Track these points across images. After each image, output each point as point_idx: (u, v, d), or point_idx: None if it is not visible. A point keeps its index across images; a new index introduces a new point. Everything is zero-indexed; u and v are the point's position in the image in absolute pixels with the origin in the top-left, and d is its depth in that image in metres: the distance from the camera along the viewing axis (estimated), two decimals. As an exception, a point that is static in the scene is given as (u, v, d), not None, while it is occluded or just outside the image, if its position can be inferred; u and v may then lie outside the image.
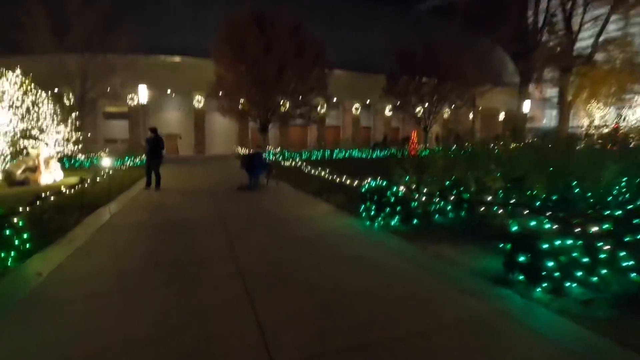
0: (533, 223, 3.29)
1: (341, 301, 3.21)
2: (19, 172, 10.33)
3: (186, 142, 32.37)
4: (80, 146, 14.32)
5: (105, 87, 23.43)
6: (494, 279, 3.56)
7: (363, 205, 5.99)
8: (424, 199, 5.10)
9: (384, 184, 5.82)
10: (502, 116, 44.07)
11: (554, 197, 4.81)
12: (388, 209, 5.62)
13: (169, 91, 31.06)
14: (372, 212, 5.74)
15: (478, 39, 38.73)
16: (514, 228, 3.32)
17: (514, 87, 42.07)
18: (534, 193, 4.36)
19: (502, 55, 45.47)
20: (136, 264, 4.14)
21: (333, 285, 3.54)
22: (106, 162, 13.18)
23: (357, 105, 36.61)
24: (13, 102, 12.10)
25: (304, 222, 6.20)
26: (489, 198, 4.36)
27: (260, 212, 7.13)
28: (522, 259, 3.22)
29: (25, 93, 12.47)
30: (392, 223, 5.65)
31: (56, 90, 22.00)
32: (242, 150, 23.15)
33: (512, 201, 4.12)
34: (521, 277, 3.27)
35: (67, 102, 22.63)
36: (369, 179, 5.98)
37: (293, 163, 14.95)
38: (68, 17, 20.83)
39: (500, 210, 4.08)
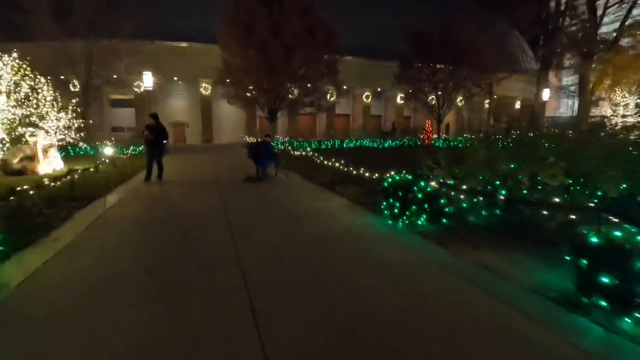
0: (618, 233, 2.55)
1: (373, 326, 2.53)
2: (15, 161, 9.81)
3: (193, 130, 31.84)
4: (82, 134, 13.82)
5: (110, 73, 22.84)
6: (560, 300, 2.84)
7: (385, 202, 5.28)
8: (462, 196, 4.36)
9: (408, 177, 5.09)
10: (517, 105, 42.52)
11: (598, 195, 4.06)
12: (414, 207, 4.91)
13: (175, 78, 30.42)
14: (396, 210, 5.03)
15: (494, 23, 37.11)
16: (594, 239, 2.58)
17: (531, 74, 40.48)
18: (600, 193, 3.61)
19: (519, 41, 43.68)
20: (123, 270, 3.52)
21: (360, 303, 2.88)
22: (109, 150, 12.65)
23: (367, 93, 35.56)
24: (10, 87, 11.58)
25: (317, 219, 5.52)
26: (557, 200, 3.60)
27: (268, 207, 6.47)
28: (605, 280, 2.50)
29: (23, 78, 11.91)
30: (419, 222, 4.95)
31: (62, 77, 21.57)
32: (250, 139, 22.49)
33: (588, 204, 3.36)
34: (603, 303, 2.55)
35: (72, 89, 22.17)
36: (392, 172, 5.24)
37: (303, 153, 14.24)
38: (71, 1, 20.14)
39: (573, 216, 3.33)
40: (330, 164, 10.94)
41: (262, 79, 20.16)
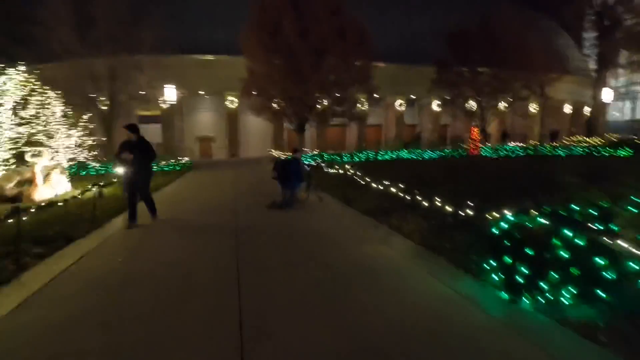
0: None
1: None
2: (9, 185, 8.52)
3: (220, 145, 30.88)
4: (96, 152, 12.67)
5: (135, 89, 22.12)
6: None
7: (495, 261, 3.18)
8: None
9: (540, 220, 2.98)
10: (567, 108, 38.63)
11: None
12: (557, 274, 2.78)
13: (201, 92, 29.68)
14: (519, 277, 2.92)
15: (538, 21, 34.07)
16: None
17: (581, 74, 36.84)
18: None
19: (566, 39, 40.04)
20: None
21: None
22: (121, 170, 11.29)
23: (401, 101, 33.28)
24: (16, 103, 10.57)
25: (377, 285, 3.49)
26: None
27: (299, 257, 4.50)
28: None
29: (30, 93, 10.88)
30: (567, 301, 2.81)
31: (92, 95, 21.04)
32: (276, 154, 20.87)
33: None
34: None
35: (98, 107, 21.58)
36: (506, 212, 3.15)
37: (338, 169, 12.27)
38: (94, 16, 19.64)
39: None
40: (368, 181, 8.86)
41: (288, 88, 18.56)
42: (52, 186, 9.39)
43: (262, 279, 3.72)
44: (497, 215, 3.17)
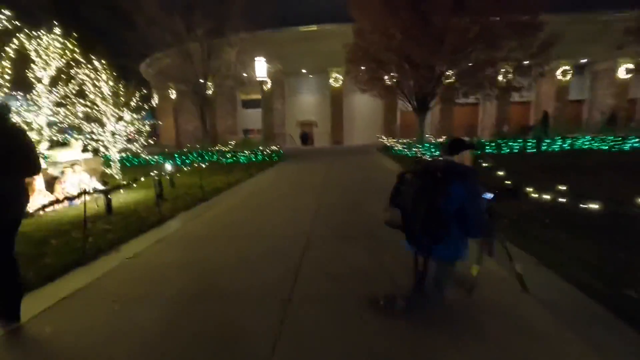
0: None
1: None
2: None
3: (322, 130, 27.20)
4: (151, 140, 9.96)
5: (230, 68, 19.70)
6: None
7: None
8: None
9: None
10: None
11: None
12: None
13: (303, 70, 26.27)
14: None
15: None
16: None
17: None
18: None
19: None
20: None
21: None
22: (169, 166, 8.10)
23: (565, 67, 23.90)
24: (60, 74, 8.15)
25: None
26: None
27: None
28: None
29: (71, 64, 8.38)
30: None
31: (191, 78, 19.59)
32: (388, 141, 15.74)
33: None
34: None
35: (200, 92, 19.97)
36: None
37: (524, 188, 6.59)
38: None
39: None
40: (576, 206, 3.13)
41: (412, 50, 13.09)
42: (61, 190, 6.47)
43: None
44: None
